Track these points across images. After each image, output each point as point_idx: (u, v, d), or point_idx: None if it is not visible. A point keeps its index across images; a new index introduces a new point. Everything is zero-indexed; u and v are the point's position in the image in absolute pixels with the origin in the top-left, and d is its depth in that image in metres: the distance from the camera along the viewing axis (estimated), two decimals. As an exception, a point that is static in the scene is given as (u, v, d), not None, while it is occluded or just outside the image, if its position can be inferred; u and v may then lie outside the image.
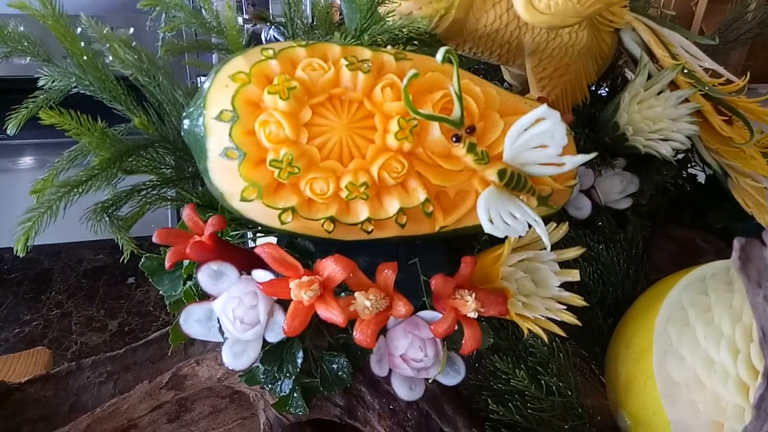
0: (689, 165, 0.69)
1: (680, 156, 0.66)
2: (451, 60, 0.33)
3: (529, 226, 0.36)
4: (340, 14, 0.58)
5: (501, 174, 0.36)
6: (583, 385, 0.53)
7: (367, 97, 0.36)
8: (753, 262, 0.25)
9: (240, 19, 1.61)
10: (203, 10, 0.47)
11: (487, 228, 0.34)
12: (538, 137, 0.34)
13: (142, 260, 0.42)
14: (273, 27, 0.89)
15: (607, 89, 0.65)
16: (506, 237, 0.37)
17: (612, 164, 0.57)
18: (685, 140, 0.55)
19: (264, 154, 0.35)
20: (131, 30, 1.20)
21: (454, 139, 0.36)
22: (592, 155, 0.36)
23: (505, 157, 0.36)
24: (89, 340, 0.87)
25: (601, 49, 0.57)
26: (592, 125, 0.59)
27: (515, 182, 0.37)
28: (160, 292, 0.43)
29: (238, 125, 0.34)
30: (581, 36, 0.54)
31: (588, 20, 0.53)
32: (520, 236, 0.37)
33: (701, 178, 0.70)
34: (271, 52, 0.36)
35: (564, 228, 0.42)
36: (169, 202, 0.42)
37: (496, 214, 0.35)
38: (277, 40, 0.92)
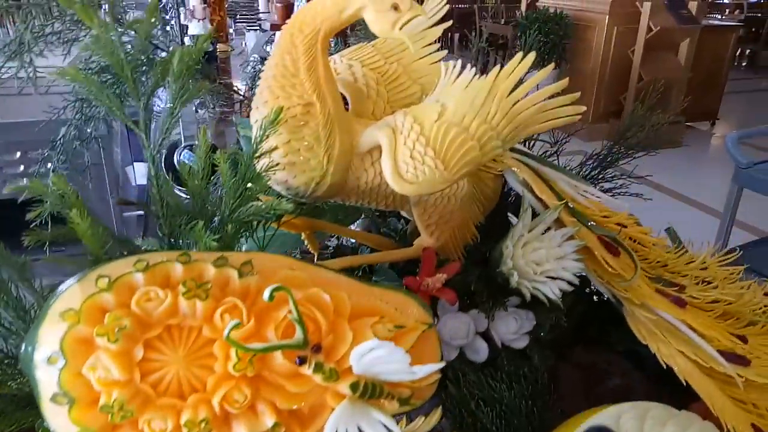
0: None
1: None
2: (285, 291, 0.33)
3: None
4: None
5: (354, 387, 0.35)
6: None
7: (207, 322, 0.35)
8: None
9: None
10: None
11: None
12: (380, 359, 0.34)
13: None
14: (186, 149, 0.89)
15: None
16: None
17: (504, 305, 0.57)
18: (573, 278, 0.56)
19: (96, 396, 0.33)
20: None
21: (298, 361, 0.35)
22: (441, 365, 0.36)
23: (355, 371, 0.35)
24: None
25: (485, 193, 0.59)
26: (485, 263, 0.59)
27: (371, 392, 0.36)
28: None
29: (67, 370, 0.33)
30: (462, 185, 0.55)
31: (465, 172, 0.54)
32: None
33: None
34: (106, 281, 0.35)
35: (436, 415, 0.41)
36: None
37: (344, 437, 0.34)
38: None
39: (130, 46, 0.49)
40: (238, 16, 3.65)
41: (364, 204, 0.57)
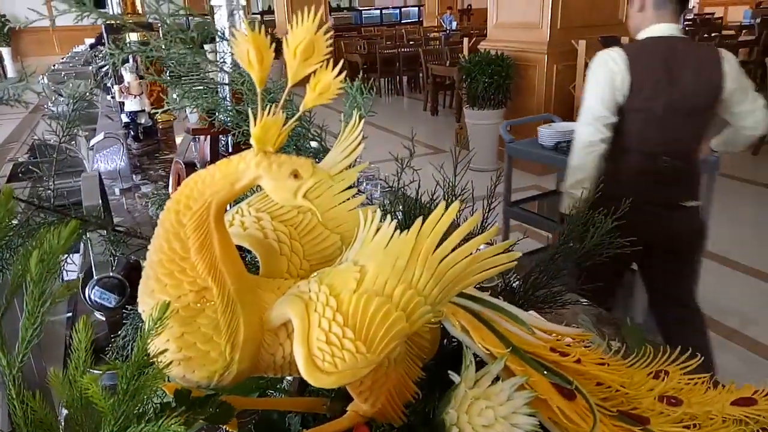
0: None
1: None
2: None
3: None
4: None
5: None
6: None
7: None
8: None
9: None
10: None
11: None
12: None
13: None
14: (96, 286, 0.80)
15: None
16: None
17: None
18: (528, 437, 0.50)
19: None
20: None
21: None
22: None
23: None
24: None
25: (422, 345, 0.52)
26: (429, 426, 0.52)
27: None
28: None
29: None
30: (394, 346, 0.49)
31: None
32: None
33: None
34: None
35: None
36: None
37: None
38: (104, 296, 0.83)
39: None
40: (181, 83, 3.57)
41: (285, 375, 0.50)
